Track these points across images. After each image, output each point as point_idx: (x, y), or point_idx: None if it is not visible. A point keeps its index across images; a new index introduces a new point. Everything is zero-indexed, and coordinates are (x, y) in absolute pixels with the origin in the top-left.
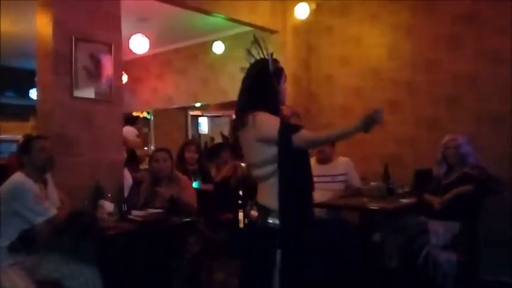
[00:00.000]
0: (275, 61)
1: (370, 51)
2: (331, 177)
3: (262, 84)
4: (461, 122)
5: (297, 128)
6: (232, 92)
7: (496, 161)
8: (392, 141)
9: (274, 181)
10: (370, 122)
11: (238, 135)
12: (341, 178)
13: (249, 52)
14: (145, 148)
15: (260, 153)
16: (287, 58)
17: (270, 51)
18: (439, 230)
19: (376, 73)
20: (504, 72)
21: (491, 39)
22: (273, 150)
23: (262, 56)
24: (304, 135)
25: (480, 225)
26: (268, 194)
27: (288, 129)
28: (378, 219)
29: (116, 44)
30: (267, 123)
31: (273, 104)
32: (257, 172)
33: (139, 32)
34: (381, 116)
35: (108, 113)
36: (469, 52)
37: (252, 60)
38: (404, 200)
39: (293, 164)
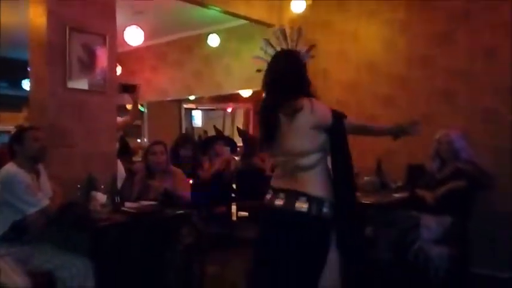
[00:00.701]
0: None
1: (366, 47)
2: None
3: (302, 73)
4: (455, 117)
5: (344, 114)
6: (227, 85)
7: (489, 156)
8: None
9: (319, 169)
10: (403, 131)
11: (281, 123)
12: None
13: (268, 42)
14: (138, 140)
15: (312, 141)
16: None
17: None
18: (431, 224)
19: (372, 68)
20: (497, 69)
21: (485, 36)
22: (322, 138)
23: (285, 47)
24: (351, 121)
25: (471, 220)
26: (315, 183)
27: (339, 114)
28: (371, 213)
29: (110, 35)
30: (323, 108)
31: (309, 93)
32: (301, 161)
33: (134, 24)
34: (417, 129)
35: (101, 104)
36: (463, 48)
37: (271, 51)
38: (397, 195)
39: (345, 149)
